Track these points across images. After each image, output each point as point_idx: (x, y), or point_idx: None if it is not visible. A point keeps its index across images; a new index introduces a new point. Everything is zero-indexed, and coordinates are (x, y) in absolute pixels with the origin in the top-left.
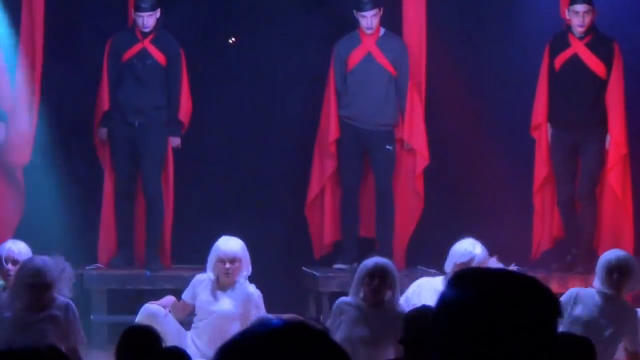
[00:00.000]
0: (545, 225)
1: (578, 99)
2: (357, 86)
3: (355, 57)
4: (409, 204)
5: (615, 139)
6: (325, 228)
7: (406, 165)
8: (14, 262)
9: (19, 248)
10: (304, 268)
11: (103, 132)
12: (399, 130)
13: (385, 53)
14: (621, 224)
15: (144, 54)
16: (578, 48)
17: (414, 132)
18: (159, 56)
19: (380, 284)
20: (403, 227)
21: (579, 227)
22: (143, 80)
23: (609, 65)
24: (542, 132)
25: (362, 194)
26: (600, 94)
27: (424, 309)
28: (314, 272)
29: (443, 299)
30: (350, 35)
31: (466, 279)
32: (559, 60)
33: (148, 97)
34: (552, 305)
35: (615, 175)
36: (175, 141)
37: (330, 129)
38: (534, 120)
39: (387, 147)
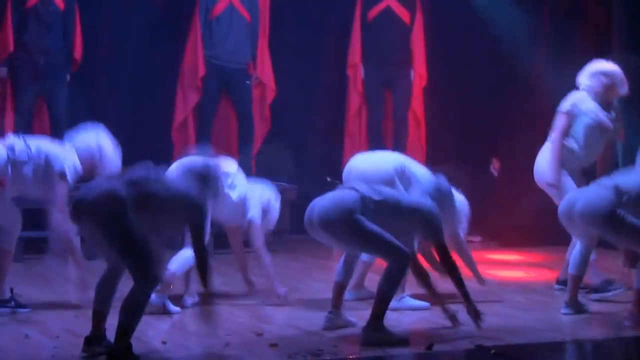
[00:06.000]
0: (356, 147)
1: (389, 44)
2: (220, 31)
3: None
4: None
5: (419, 73)
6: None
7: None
8: None
9: None
10: None
11: (3, 70)
12: (251, 67)
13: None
14: (417, 141)
15: (47, 1)
16: (390, 1)
17: (264, 69)
18: (59, 2)
19: None
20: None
21: (390, 146)
22: (47, 25)
23: (413, 14)
24: (357, 70)
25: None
26: (407, 37)
27: None
28: None
29: None
30: None
31: None
32: (372, 13)
33: (52, 39)
34: None
35: (418, 102)
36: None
37: (198, 67)
38: (350, 61)
39: (247, 82)
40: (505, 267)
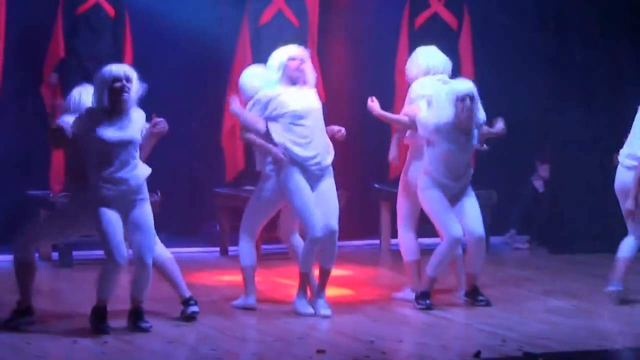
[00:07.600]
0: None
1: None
2: (269, 38)
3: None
4: None
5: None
6: (237, 156)
7: None
8: None
9: None
10: (215, 189)
11: (54, 77)
12: None
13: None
14: None
15: (98, 7)
16: (437, 7)
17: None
18: (109, 8)
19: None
20: None
21: None
22: (97, 31)
23: (460, 20)
24: (404, 76)
25: None
26: (454, 43)
27: None
28: (228, 191)
29: None
30: None
31: None
32: (420, 19)
33: (102, 45)
34: None
35: None
36: None
37: None
38: (398, 67)
39: None
40: (552, 274)
